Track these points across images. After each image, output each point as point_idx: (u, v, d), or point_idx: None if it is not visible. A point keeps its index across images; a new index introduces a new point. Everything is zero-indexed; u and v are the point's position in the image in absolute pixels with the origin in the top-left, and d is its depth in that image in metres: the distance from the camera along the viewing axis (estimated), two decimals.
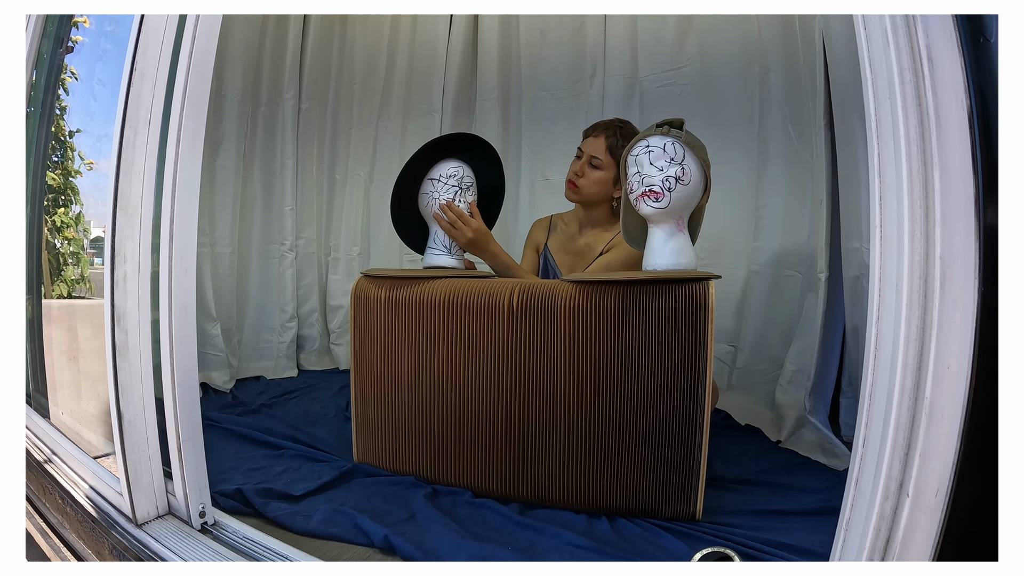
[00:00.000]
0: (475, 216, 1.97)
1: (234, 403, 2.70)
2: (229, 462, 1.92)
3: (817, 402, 2.35)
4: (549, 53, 3.25)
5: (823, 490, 1.78)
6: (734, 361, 2.78)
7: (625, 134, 2.07)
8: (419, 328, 1.78)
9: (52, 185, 2.61)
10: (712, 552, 1.32)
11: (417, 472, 1.83)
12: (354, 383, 1.93)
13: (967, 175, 0.72)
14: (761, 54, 2.68)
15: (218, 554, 1.32)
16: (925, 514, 0.75)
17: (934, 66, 0.75)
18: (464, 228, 1.93)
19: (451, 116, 3.44)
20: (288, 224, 3.38)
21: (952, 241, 0.72)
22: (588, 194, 2.11)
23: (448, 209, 1.93)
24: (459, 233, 1.94)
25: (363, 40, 3.55)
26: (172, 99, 1.34)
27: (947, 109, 0.74)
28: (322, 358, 3.55)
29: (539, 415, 1.66)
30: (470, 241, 1.94)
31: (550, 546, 1.44)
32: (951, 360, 0.72)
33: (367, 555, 1.41)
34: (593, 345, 1.58)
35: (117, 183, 1.37)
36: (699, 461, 1.54)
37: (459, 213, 1.94)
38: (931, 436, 0.73)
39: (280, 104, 3.33)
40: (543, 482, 1.68)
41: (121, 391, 1.38)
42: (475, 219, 1.96)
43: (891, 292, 0.78)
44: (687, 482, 1.57)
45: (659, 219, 1.65)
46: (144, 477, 1.43)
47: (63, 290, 2.72)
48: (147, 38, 1.37)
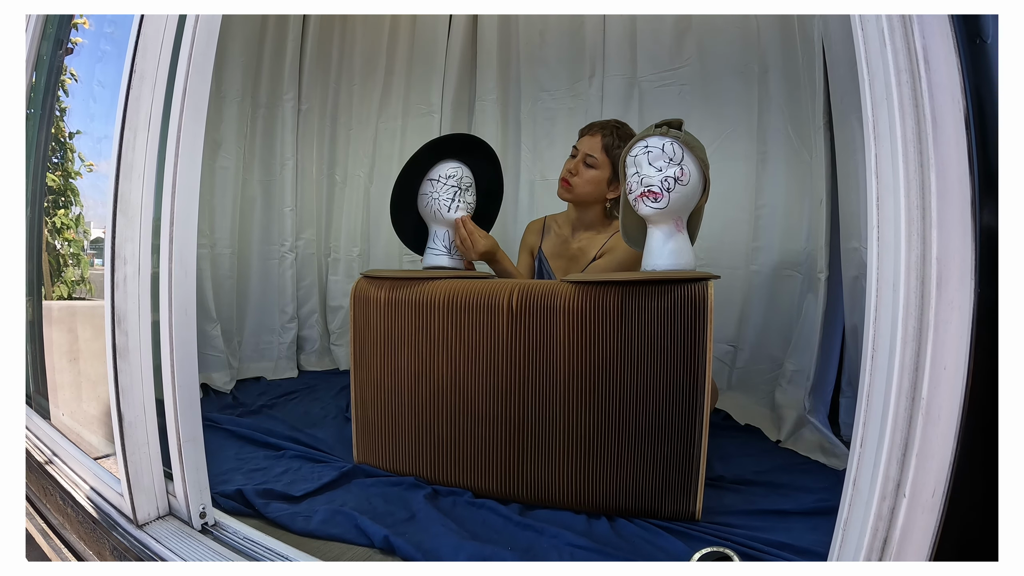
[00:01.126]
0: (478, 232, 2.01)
1: (234, 404, 2.71)
2: (229, 463, 1.92)
3: (817, 402, 2.35)
4: (548, 53, 3.25)
5: (823, 490, 1.78)
6: (734, 361, 2.78)
7: (621, 134, 2.07)
8: (419, 329, 1.78)
9: (52, 186, 2.61)
10: (712, 552, 1.32)
11: (417, 473, 1.83)
12: (354, 384, 1.93)
13: (963, 176, 0.72)
14: (760, 54, 2.68)
15: (218, 555, 1.33)
16: (922, 514, 0.75)
17: (931, 67, 0.75)
18: (471, 248, 1.97)
19: (450, 116, 3.44)
20: (288, 225, 3.38)
21: (949, 242, 0.72)
22: (581, 193, 2.11)
23: (462, 226, 1.97)
24: (466, 250, 1.98)
25: (362, 41, 3.55)
26: (172, 100, 1.35)
27: (943, 110, 0.74)
28: (322, 359, 3.55)
29: (539, 415, 1.66)
30: (481, 256, 2.00)
31: (550, 546, 1.44)
32: (948, 361, 0.72)
33: (367, 556, 1.41)
34: (593, 345, 1.58)
35: (117, 185, 1.37)
36: (699, 461, 1.54)
37: (471, 231, 1.97)
38: (928, 436, 0.73)
39: (280, 105, 3.33)
40: (543, 483, 1.68)
41: (121, 392, 1.39)
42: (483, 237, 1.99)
43: (888, 293, 0.78)
44: (687, 482, 1.57)
45: (658, 220, 1.65)
46: (145, 478, 1.43)
47: (63, 291, 2.72)
48: (147, 39, 1.37)
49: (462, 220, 1.97)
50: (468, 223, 1.97)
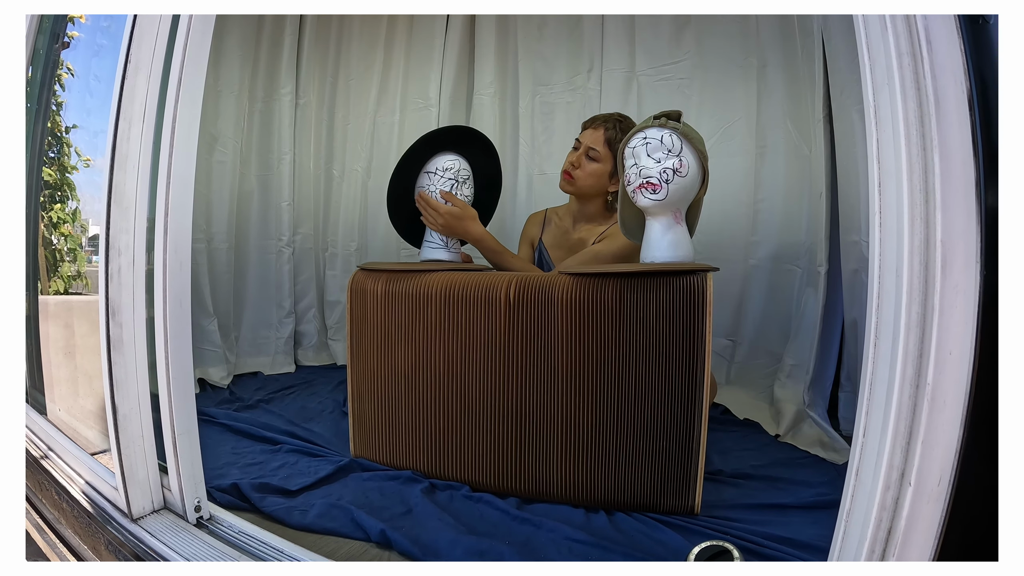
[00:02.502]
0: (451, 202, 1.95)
1: (231, 399, 2.70)
2: (226, 457, 1.92)
3: (816, 396, 2.34)
4: (546, 47, 3.24)
5: (822, 484, 1.77)
6: (733, 355, 2.78)
7: (624, 128, 2.07)
8: (416, 322, 1.77)
9: (48, 181, 2.60)
10: (711, 546, 1.30)
11: (414, 466, 1.82)
12: (351, 377, 1.92)
13: (967, 158, 0.71)
14: (759, 47, 2.68)
15: (213, 548, 1.31)
16: (928, 503, 0.74)
17: (933, 49, 0.74)
18: (434, 214, 1.93)
19: (448, 110, 3.43)
20: (285, 219, 3.37)
21: (953, 225, 0.71)
22: (583, 186, 2.11)
23: (420, 199, 1.94)
24: (431, 220, 1.94)
25: (360, 35, 3.54)
26: (167, 90, 1.33)
27: (946, 92, 0.73)
28: (320, 354, 3.54)
29: (537, 409, 1.65)
30: (444, 226, 1.94)
31: (548, 540, 1.43)
32: (953, 346, 0.71)
33: (364, 550, 1.40)
34: (590, 338, 1.57)
35: (112, 176, 1.36)
36: (697, 455, 1.54)
37: (428, 201, 1.93)
38: (933, 423, 0.72)
39: (277, 99, 3.32)
40: (541, 476, 1.67)
41: (116, 385, 1.38)
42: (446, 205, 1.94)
43: (891, 279, 0.77)
44: (685, 476, 1.56)
45: (657, 211, 1.64)
46: (139, 471, 1.42)
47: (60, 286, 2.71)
48: (142, 28, 1.36)
49: (419, 194, 1.96)
50: (424, 195, 1.95)
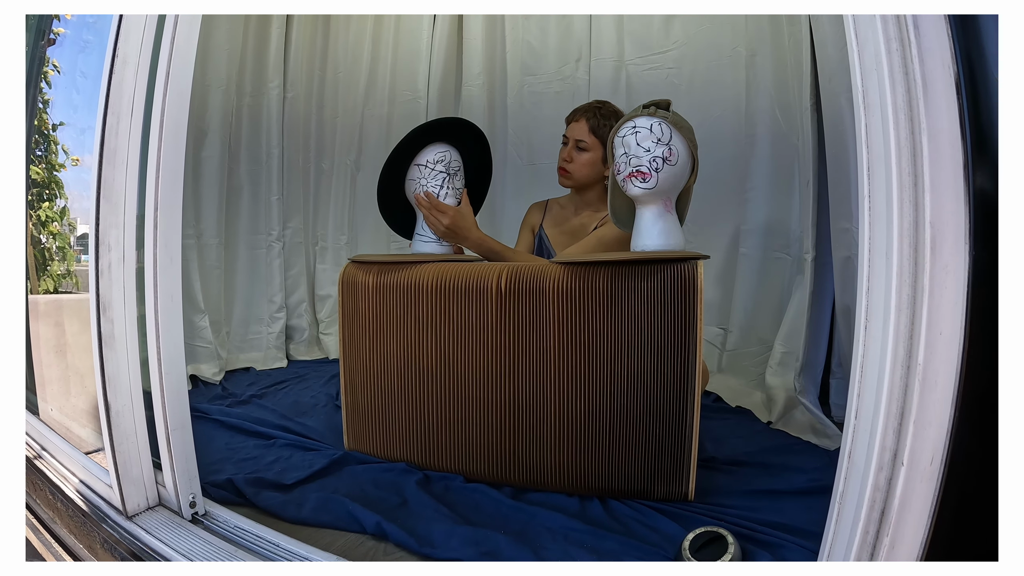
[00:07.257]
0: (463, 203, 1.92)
1: (224, 394, 2.69)
2: (220, 453, 1.91)
3: (807, 383, 2.36)
4: (534, 38, 3.24)
5: (815, 470, 1.78)
6: (724, 343, 2.79)
7: (605, 113, 2.08)
8: (408, 313, 1.77)
9: (36, 179, 2.58)
10: (705, 532, 1.31)
11: (408, 458, 1.82)
12: (343, 370, 1.92)
13: (955, 140, 0.72)
14: (747, 37, 2.68)
15: (209, 544, 1.31)
16: (921, 483, 0.74)
17: (920, 33, 0.75)
18: (440, 215, 1.87)
19: (437, 103, 3.43)
20: (275, 214, 3.37)
21: (942, 206, 0.71)
22: (580, 177, 2.12)
23: (423, 198, 1.89)
24: (436, 221, 1.88)
25: (347, 28, 3.53)
26: (155, 84, 1.32)
27: (934, 75, 0.73)
28: (311, 348, 3.55)
29: (530, 398, 1.66)
30: (448, 228, 1.87)
31: (543, 529, 1.44)
32: (943, 326, 0.72)
33: (360, 542, 1.40)
34: (583, 327, 1.58)
35: (100, 171, 1.35)
36: (691, 442, 1.54)
37: (434, 202, 1.87)
38: (925, 403, 0.73)
39: (265, 94, 3.31)
40: (535, 466, 1.68)
41: (108, 382, 1.37)
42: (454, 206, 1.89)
43: (881, 261, 0.77)
44: (679, 463, 1.57)
45: (647, 200, 1.64)
46: (133, 468, 1.42)
47: (49, 285, 2.70)
48: (129, 23, 1.35)
49: (425, 193, 1.88)
50: (430, 195, 1.88)
